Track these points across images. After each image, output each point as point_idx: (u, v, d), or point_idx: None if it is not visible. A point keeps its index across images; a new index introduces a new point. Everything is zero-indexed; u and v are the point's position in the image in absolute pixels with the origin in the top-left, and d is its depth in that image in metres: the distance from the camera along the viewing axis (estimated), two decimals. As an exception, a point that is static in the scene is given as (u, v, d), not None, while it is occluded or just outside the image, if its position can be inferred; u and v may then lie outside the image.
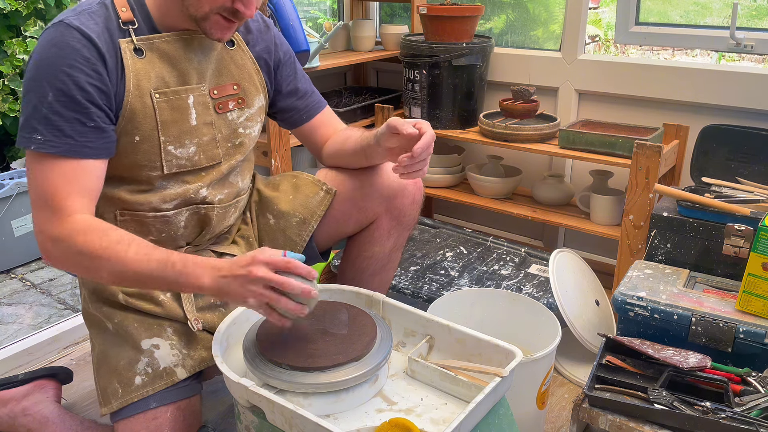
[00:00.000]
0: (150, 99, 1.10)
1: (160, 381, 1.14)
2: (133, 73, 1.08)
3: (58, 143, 1.03)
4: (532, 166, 2.28)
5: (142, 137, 1.11)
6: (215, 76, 1.19)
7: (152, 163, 1.14)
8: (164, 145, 1.13)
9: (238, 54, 1.23)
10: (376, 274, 1.43)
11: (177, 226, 1.21)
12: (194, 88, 1.16)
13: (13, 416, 1.34)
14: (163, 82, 1.12)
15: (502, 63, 2.25)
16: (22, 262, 2.50)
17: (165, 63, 1.12)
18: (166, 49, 1.12)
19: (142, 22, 1.11)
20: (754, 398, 1.19)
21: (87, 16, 1.05)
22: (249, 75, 1.25)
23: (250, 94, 1.25)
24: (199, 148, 1.18)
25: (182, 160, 1.16)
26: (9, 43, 2.82)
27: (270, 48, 1.29)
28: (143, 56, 1.10)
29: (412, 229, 1.44)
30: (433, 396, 1.09)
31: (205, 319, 1.22)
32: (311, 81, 1.42)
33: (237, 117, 1.23)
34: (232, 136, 1.23)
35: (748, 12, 1.98)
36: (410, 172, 1.18)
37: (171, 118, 1.13)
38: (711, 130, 1.74)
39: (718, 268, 1.51)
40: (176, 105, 1.13)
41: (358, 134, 1.34)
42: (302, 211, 1.36)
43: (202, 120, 1.17)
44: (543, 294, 1.71)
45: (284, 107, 1.36)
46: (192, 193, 1.19)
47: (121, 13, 1.09)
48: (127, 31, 1.09)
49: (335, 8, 2.72)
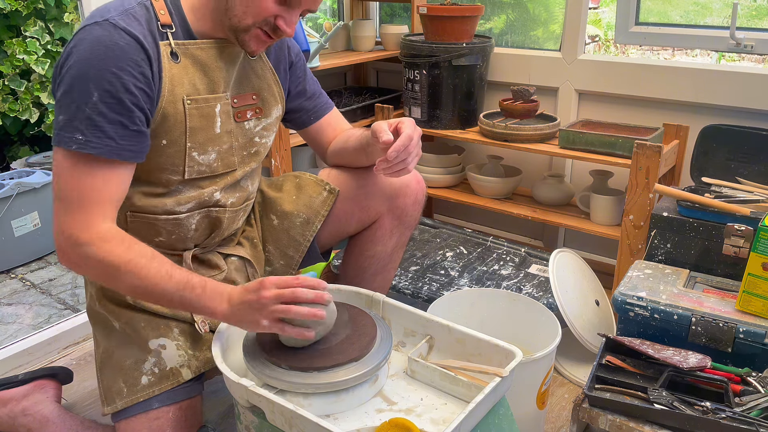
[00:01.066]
0: (182, 105, 1.10)
1: (167, 381, 1.15)
2: (168, 78, 1.08)
3: (99, 144, 1.01)
4: (532, 166, 2.28)
5: (169, 141, 1.11)
6: (236, 86, 1.20)
7: (175, 167, 1.13)
8: (189, 151, 1.13)
9: (259, 65, 1.24)
10: (378, 274, 1.44)
11: (188, 228, 1.21)
12: (221, 96, 1.16)
13: (13, 416, 1.34)
14: (194, 88, 1.11)
15: (502, 63, 2.25)
16: (22, 262, 2.50)
17: (197, 70, 1.12)
18: (199, 56, 1.12)
19: (179, 26, 1.10)
20: (754, 398, 1.19)
21: (131, 18, 1.04)
22: (268, 85, 1.25)
23: (268, 104, 1.25)
24: (218, 156, 1.18)
25: (203, 167, 1.16)
26: (9, 43, 2.82)
27: (285, 53, 1.30)
28: (178, 61, 1.09)
29: (413, 228, 1.44)
30: (433, 396, 1.09)
31: (212, 322, 1.22)
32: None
33: (254, 126, 1.24)
34: (248, 145, 1.24)
35: (748, 12, 1.98)
36: (391, 172, 1.18)
37: (199, 125, 1.13)
38: (711, 130, 1.74)
39: (718, 268, 1.51)
40: (205, 112, 1.13)
41: (358, 133, 1.35)
42: (306, 211, 1.37)
43: (224, 128, 1.17)
44: (543, 294, 1.71)
45: (293, 108, 1.36)
46: (206, 197, 1.19)
47: (161, 16, 1.08)
48: (165, 34, 1.08)
49: (335, 8, 2.72)
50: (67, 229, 1.02)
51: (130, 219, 1.17)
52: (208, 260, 1.27)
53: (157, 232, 1.19)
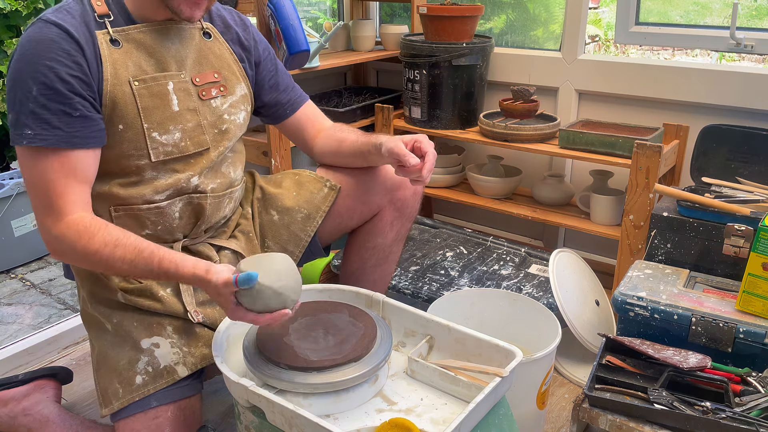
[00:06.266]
0: (129, 87, 1.12)
1: (161, 380, 1.14)
2: (110, 63, 1.11)
3: (48, 135, 1.04)
4: (532, 166, 2.28)
5: (126, 125, 1.13)
6: (196, 65, 1.22)
7: (139, 151, 1.15)
8: (148, 132, 1.14)
9: (216, 45, 1.26)
10: (378, 266, 1.45)
11: (172, 217, 1.22)
12: (173, 74, 1.18)
13: (13, 416, 1.34)
14: (140, 69, 1.14)
15: (502, 63, 2.25)
16: (22, 262, 2.50)
17: (141, 52, 1.15)
18: (141, 39, 1.15)
19: (117, 14, 1.13)
20: (754, 398, 1.19)
21: (64, 12, 1.08)
22: (228, 65, 1.27)
23: (231, 82, 1.27)
24: (184, 134, 1.19)
25: (168, 147, 1.17)
26: (9, 43, 2.82)
27: (249, 44, 1.32)
28: (120, 47, 1.12)
29: (413, 221, 1.47)
30: (433, 396, 1.09)
31: (205, 313, 1.22)
32: (308, 81, 1.44)
33: (221, 104, 1.25)
34: (218, 122, 1.25)
35: (748, 12, 1.98)
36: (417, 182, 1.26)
37: (152, 104, 1.15)
38: (711, 130, 1.74)
39: (718, 268, 1.51)
40: (156, 91, 1.15)
41: (353, 137, 1.37)
42: (307, 207, 1.38)
43: (184, 106, 1.19)
44: (543, 294, 1.71)
45: (268, 102, 1.38)
46: (184, 182, 1.20)
47: (97, 7, 1.12)
48: (103, 23, 1.11)
49: (335, 8, 2.72)
50: (43, 225, 1.08)
51: (114, 214, 1.18)
52: (199, 251, 1.28)
53: (143, 224, 1.20)
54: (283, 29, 1.82)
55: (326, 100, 2.38)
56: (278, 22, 1.83)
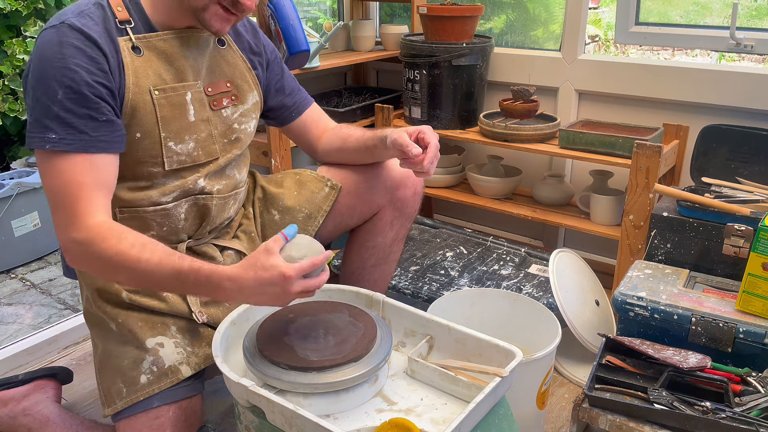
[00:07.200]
0: (150, 96, 1.12)
1: (166, 379, 1.15)
2: (132, 71, 1.10)
3: (73, 140, 1.03)
4: (532, 166, 2.28)
5: (143, 134, 1.13)
6: (209, 74, 1.22)
7: (154, 159, 1.15)
8: (165, 141, 1.14)
9: (229, 53, 1.26)
10: (378, 265, 1.45)
11: (177, 218, 1.22)
12: (191, 84, 1.18)
13: (13, 416, 1.34)
14: (160, 78, 1.13)
15: (502, 63, 2.25)
16: (22, 262, 2.50)
17: (162, 61, 1.14)
18: (162, 47, 1.14)
19: (138, 20, 1.13)
20: (754, 398, 1.19)
21: (87, 18, 1.07)
22: (241, 73, 1.27)
23: (243, 91, 1.27)
24: (197, 144, 1.19)
25: (182, 156, 1.18)
26: (9, 43, 2.82)
27: (260, 49, 1.32)
28: (141, 54, 1.12)
29: (413, 220, 1.47)
30: (433, 396, 1.09)
31: (209, 313, 1.22)
32: (308, 81, 1.44)
33: (231, 113, 1.25)
34: (228, 132, 1.25)
35: (748, 12, 1.98)
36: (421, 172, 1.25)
37: (171, 114, 1.14)
38: (711, 130, 1.74)
39: (718, 268, 1.51)
40: (175, 101, 1.15)
41: (359, 134, 1.37)
42: (308, 206, 1.39)
43: (199, 116, 1.19)
44: (543, 294, 1.71)
45: (274, 106, 1.38)
46: (190, 184, 1.20)
47: (117, 13, 1.11)
48: (124, 30, 1.11)
49: (335, 8, 2.72)
50: (63, 229, 1.04)
51: (119, 216, 1.18)
52: (204, 252, 1.28)
53: (148, 225, 1.20)
54: (283, 29, 1.82)
55: (326, 100, 2.38)
56: (278, 22, 1.83)
